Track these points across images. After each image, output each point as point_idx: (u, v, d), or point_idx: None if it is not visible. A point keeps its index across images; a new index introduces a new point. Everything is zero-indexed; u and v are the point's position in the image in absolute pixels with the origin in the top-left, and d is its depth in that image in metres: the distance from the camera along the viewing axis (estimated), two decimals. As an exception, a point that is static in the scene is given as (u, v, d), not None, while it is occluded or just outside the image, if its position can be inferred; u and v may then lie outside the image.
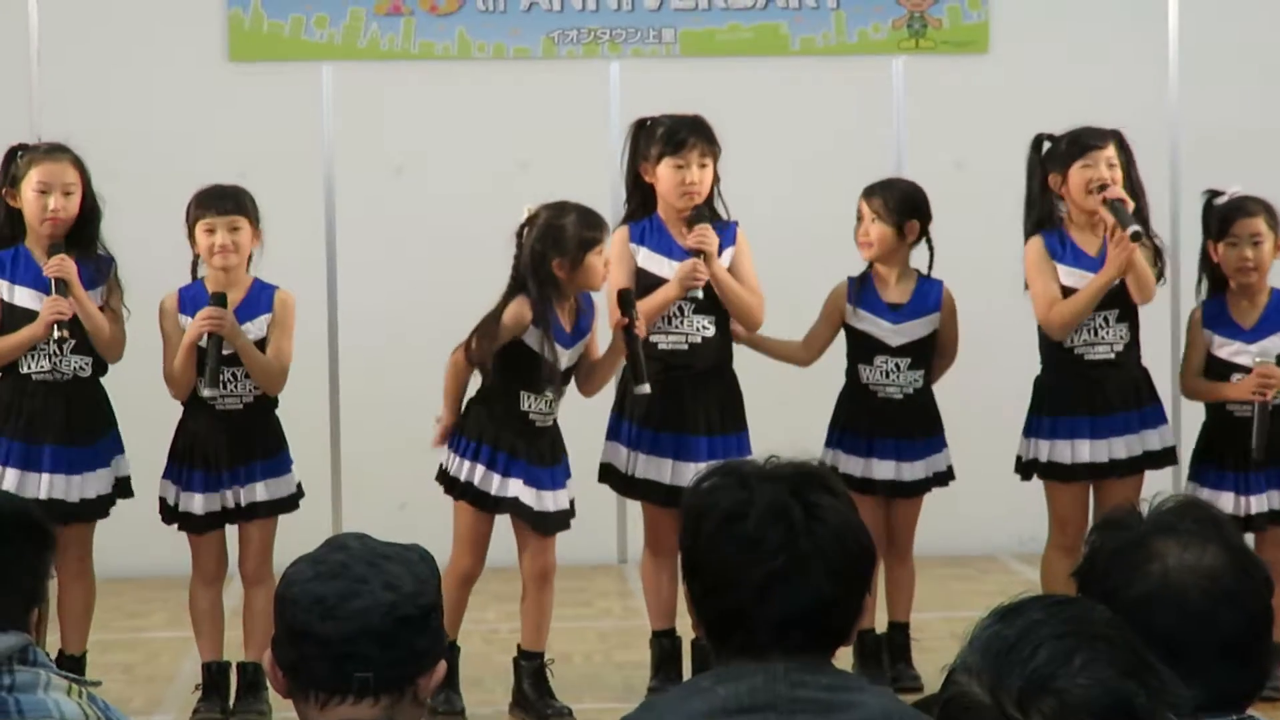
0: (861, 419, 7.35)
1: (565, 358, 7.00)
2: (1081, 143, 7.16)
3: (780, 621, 2.79)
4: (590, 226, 6.95)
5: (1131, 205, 7.08)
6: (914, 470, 7.37)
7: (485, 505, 7.00)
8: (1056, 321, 7.16)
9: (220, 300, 6.93)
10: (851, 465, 7.28)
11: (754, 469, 2.89)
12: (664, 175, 7.16)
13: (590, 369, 7.12)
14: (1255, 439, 6.99)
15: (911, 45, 10.06)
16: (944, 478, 7.47)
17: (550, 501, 7.03)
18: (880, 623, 7.30)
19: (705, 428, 7.17)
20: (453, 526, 7.03)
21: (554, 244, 6.92)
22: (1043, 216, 7.26)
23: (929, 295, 7.40)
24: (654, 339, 7.16)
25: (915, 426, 7.36)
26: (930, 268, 7.46)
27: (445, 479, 7.05)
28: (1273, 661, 2.81)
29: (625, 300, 6.97)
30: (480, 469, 6.98)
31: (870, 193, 7.42)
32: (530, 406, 6.99)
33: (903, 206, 7.37)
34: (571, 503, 7.13)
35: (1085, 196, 7.15)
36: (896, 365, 7.33)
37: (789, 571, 2.78)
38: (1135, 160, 7.25)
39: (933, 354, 7.42)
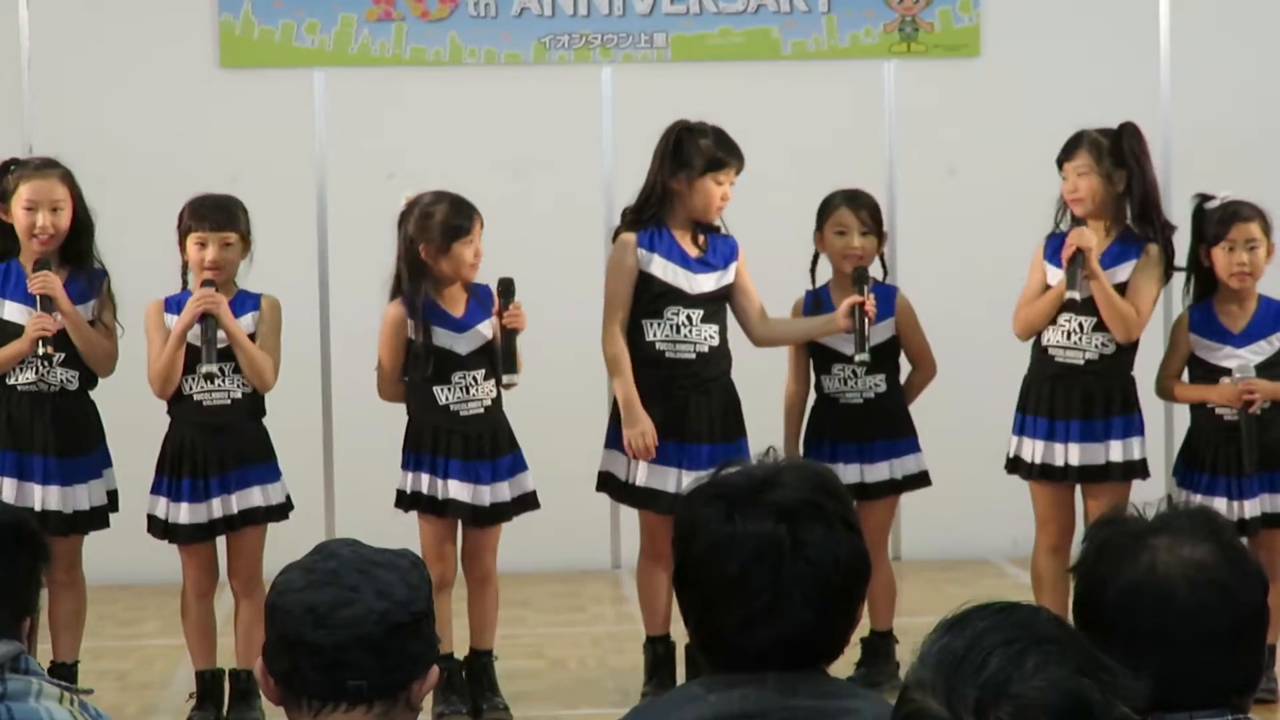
0: (825, 427, 7.40)
1: (460, 343, 7.03)
2: (1062, 151, 7.23)
3: (764, 650, 2.78)
4: (459, 215, 7.01)
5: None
6: (876, 472, 7.37)
7: (438, 510, 7.07)
8: (1017, 322, 7.28)
9: (211, 286, 6.95)
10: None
11: (744, 489, 2.82)
12: (704, 188, 7.16)
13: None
14: (1246, 452, 7.02)
15: (903, 49, 10.06)
16: (915, 481, 7.46)
17: (488, 494, 7.06)
18: (862, 628, 7.31)
19: (708, 435, 7.17)
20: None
21: (422, 231, 7.02)
22: (1060, 218, 7.32)
23: (884, 302, 7.40)
24: (661, 348, 7.18)
25: (878, 430, 7.38)
26: (884, 275, 7.50)
27: (399, 497, 7.13)
28: (1267, 659, 2.81)
29: (503, 289, 7.01)
30: (425, 477, 7.07)
31: (853, 203, 7.43)
32: (448, 399, 7.05)
33: (879, 217, 7.44)
34: (529, 494, 7.15)
35: (1071, 204, 7.21)
36: (854, 371, 7.36)
37: (772, 608, 2.77)
38: (1142, 151, 7.22)
39: (895, 358, 7.44)
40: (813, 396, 7.50)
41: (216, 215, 6.98)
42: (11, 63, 9.79)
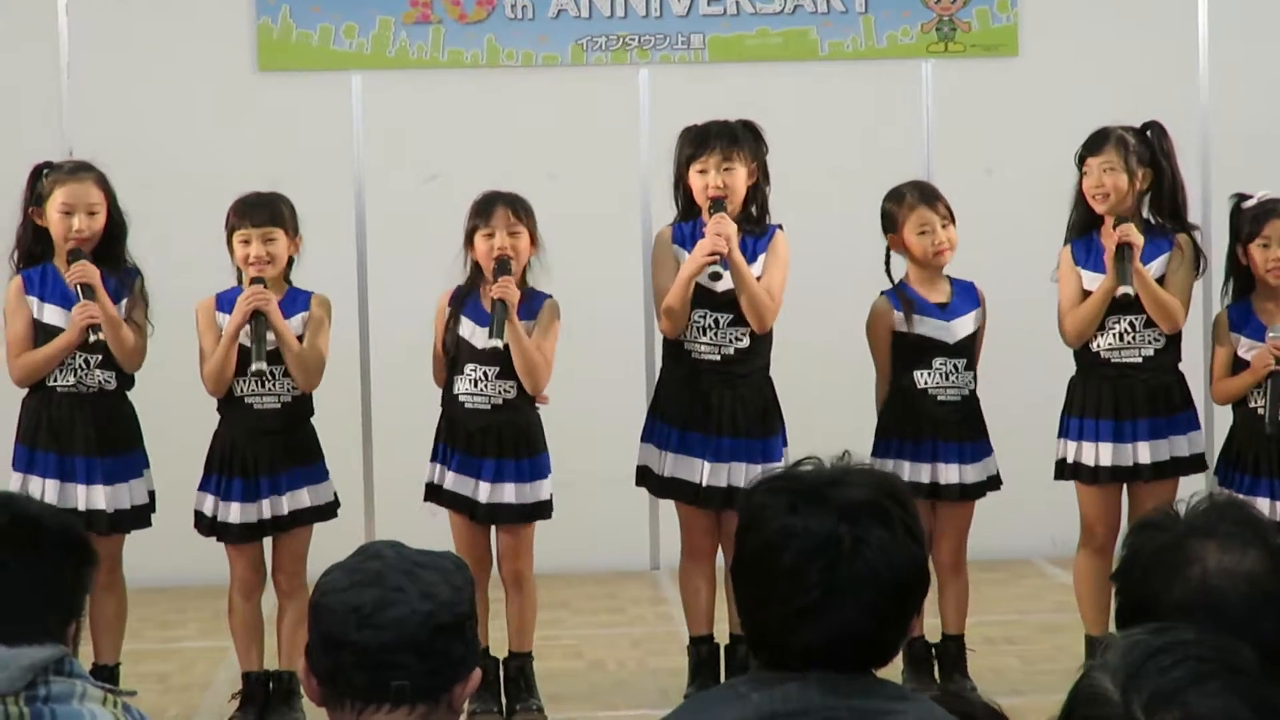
0: (920, 424, 7.27)
1: (480, 336, 7.06)
2: (1086, 147, 7.21)
3: (811, 648, 2.76)
4: (475, 213, 7.17)
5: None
6: (975, 473, 7.34)
7: (444, 502, 7.14)
8: (1066, 329, 7.27)
9: (261, 283, 6.98)
10: (916, 473, 7.23)
11: (811, 485, 2.80)
12: (692, 180, 7.17)
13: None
14: (1269, 411, 6.96)
15: (940, 49, 10.05)
16: (996, 482, 7.43)
17: (486, 492, 7.07)
18: (932, 632, 7.30)
19: (732, 430, 7.13)
20: None
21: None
22: (1080, 218, 7.28)
23: (967, 292, 7.38)
24: (688, 347, 7.16)
25: (973, 429, 7.35)
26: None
27: (428, 489, 7.20)
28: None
29: (497, 267, 7.06)
30: (451, 473, 7.11)
31: (928, 199, 7.33)
32: (459, 389, 7.11)
33: (948, 204, 7.38)
34: (541, 503, 7.12)
35: (1092, 200, 7.18)
36: (955, 366, 7.28)
37: (823, 606, 2.74)
38: (1170, 149, 7.23)
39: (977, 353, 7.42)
40: (864, 379, 7.44)
41: (259, 212, 7.04)
42: (50, 67, 9.82)
